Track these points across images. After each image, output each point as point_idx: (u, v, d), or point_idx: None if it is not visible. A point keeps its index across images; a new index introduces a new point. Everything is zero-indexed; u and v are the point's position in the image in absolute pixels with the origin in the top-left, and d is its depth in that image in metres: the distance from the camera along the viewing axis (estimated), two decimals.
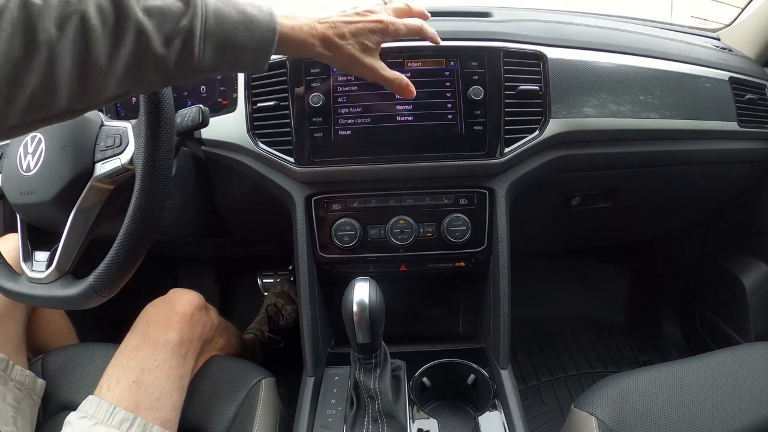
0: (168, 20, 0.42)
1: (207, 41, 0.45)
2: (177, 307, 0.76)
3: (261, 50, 0.49)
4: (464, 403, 0.76)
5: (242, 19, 0.47)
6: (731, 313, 1.12)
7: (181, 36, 0.43)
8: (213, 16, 0.45)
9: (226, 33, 0.46)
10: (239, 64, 0.50)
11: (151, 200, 0.55)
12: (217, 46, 0.46)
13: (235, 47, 0.47)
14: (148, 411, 0.66)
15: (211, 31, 0.45)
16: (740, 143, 0.90)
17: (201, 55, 0.45)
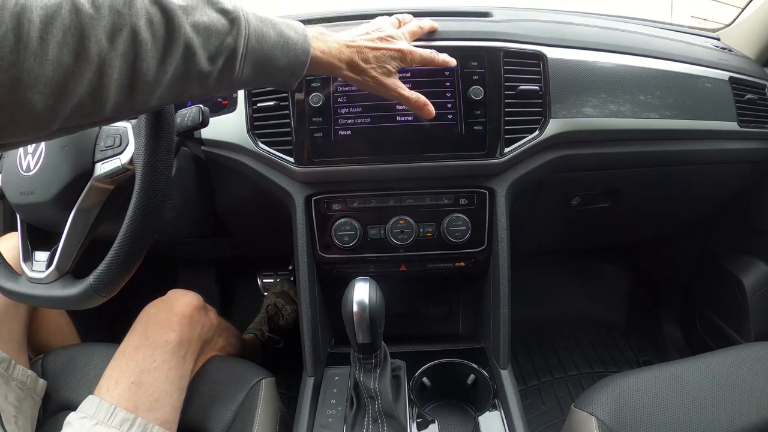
0: (214, 38, 0.44)
1: (247, 60, 0.47)
2: (176, 308, 0.77)
3: (293, 70, 0.52)
4: (464, 403, 0.76)
5: (280, 40, 0.50)
6: (731, 313, 1.11)
7: (225, 54, 0.45)
8: (254, 36, 0.47)
9: (264, 53, 0.48)
10: (271, 82, 0.53)
11: (151, 200, 0.55)
12: (255, 64, 0.48)
13: (271, 66, 0.50)
14: (148, 412, 0.66)
15: (251, 51, 0.47)
16: (740, 143, 0.90)
17: (240, 72, 0.47)
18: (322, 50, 0.55)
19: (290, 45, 0.51)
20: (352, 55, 0.58)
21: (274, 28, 0.49)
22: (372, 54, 0.60)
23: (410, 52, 0.63)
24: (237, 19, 0.45)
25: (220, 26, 0.44)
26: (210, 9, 0.44)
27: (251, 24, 0.47)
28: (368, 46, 0.60)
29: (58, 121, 0.37)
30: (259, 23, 0.48)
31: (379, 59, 0.60)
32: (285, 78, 0.52)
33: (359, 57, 0.59)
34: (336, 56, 0.57)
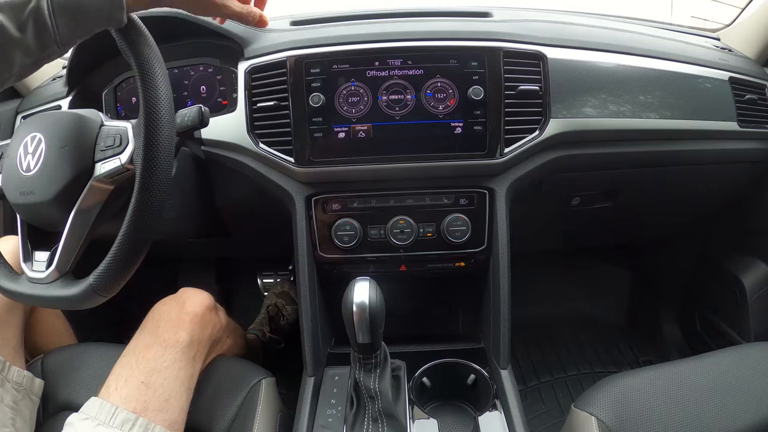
0: (17, 9, 0.48)
1: (57, 15, 0.49)
2: (188, 307, 0.76)
3: (111, 6, 0.51)
4: (464, 403, 0.76)
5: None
6: (731, 313, 1.11)
7: (32, 18, 0.48)
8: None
9: (70, 2, 0.49)
10: (95, 26, 0.52)
11: (151, 200, 0.55)
12: (67, 16, 0.49)
13: (84, 12, 0.50)
14: (157, 413, 0.66)
15: (57, 6, 0.48)
16: (740, 143, 0.90)
17: (55, 28, 0.49)
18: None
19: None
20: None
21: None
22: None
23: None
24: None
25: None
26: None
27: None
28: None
29: None
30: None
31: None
32: (107, 17, 0.51)
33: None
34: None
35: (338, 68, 0.75)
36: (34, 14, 0.48)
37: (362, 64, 0.75)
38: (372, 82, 0.75)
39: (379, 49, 0.75)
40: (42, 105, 0.90)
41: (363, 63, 0.75)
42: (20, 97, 0.98)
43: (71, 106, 0.86)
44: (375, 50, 0.75)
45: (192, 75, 0.87)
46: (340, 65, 0.75)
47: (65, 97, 0.87)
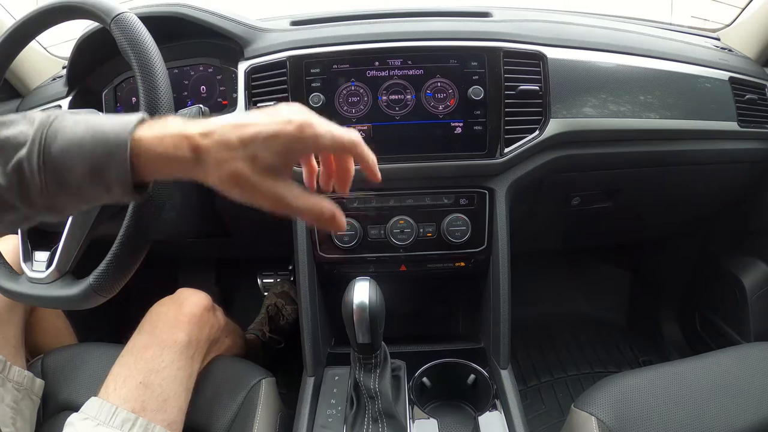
0: (8, 150, 0.38)
1: (47, 170, 0.38)
2: (185, 308, 0.76)
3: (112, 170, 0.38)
4: (464, 403, 0.76)
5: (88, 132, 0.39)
6: (731, 313, 1.11)
7: (16, 166, 0.38)
8: (54, 138, 0.38)
9: (66, 147, 0.38)
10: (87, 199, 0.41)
11: (152, 200, 0.55)
12: (56, 177, 0.38)
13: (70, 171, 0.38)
14: (155, 413, 0.66)
15: (49, 158, 0.38)
16: (740, 143, 0.89)
17: (44, 185, 0.38)
18: (154, 137, 0.38)
19: (99, 135, 0.38)
20: (201, 138, 0.38)
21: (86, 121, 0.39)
22: (237, 133, 0.38)
23: (308, 125, 0.39)
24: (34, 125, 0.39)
25: (20, 138, 0.38)
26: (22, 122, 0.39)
27: (53, 126, 0.39)
28: (232, 123, 0.39)
29: None
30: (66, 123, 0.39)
31: (249, 142, 0.38)
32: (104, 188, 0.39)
33: (213, 141, 0.38)
34: (172, 143, 0.38)
35: (338, 68, 0.75)
36: (18, 165, 0.38)
37: (362, 64, 0.75)
38: (372, 82, 0.75)
39: (379, 49, 0.75)
40: (42, 105, 0.90)
41: (363, 63, 0.75)
42: (20, 97, 0.98)
43: (71, 106, 0.86)
44: (375, 50, 0.75)
45: (192, 75, 0.87)
46: (340, 65, 0.75)
47: (65, 97, 0.87)
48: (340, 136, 0.40)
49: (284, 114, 0.39)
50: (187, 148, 0.38)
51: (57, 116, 0.40)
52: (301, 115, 0.39)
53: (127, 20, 0.58)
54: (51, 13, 0.63)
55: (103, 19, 0.59)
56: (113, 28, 0.58)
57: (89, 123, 0.39)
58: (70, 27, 0.68)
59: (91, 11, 0.60)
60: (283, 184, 0.40)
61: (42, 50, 1.04)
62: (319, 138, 0.39)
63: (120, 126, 0.39)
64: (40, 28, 0.65)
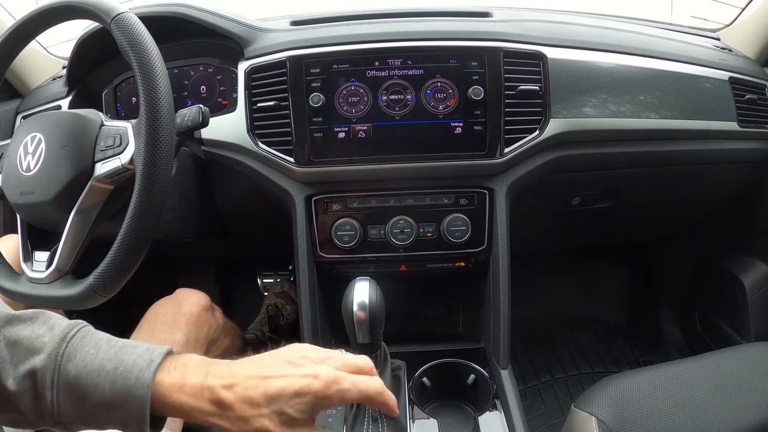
0: (22, 353, 0.38)
1: (60, 390, 0.37)
2: (184, 308, 0.76)
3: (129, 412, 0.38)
4: (464, 403, 0.76)
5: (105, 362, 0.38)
6: (731, 313, 1.11)
7: (29, 373, 0.37)
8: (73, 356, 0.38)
9: (82, 379, 0.37)
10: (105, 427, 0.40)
11: (151, 200, 0.55)
12: (71, 390, 0.38)
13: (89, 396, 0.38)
14: None
15: (65, 374, 0.37)
16: (740, 143, 0.89)
17: (55, 404, 0.37)
18: (168, 387, 0.38)
19: (120, 369, 0.38)
20: (224, 391, 0.38)
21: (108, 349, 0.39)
22: (261, 390, 0.38)
23: (334, 380, 0.39)
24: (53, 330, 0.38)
25: (36, 343, 0.38)
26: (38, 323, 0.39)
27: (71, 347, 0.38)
28: (256, 375, 0.39)
29: None
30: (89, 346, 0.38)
31: (274, 399, 0.38)
32: (119, 421, 0.38)
33: (237, 396, 0.38)
34: (192, 393, 0.38)
35: (338, 68, 0.75)
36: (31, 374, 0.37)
37: (362, 64, 0.75)
38: (372, 82, 0.75)
39: (379, 49, 0.75)
40: (42, 105, 0.90)
41: (363, 63, 0.75)
42: (20, 97, 0.98)
43: (71, 106, 0.86)
44: (375, 50, 0.75)
45: (192, 75, 0.87)
46: (340, 65, 0.75)
47: (65, 97, 0.87)
48: (366, 389, 0.41)
49: (309, 368, 0.40)
50: (208, 401, 0.38)
51: (79, 331, 0.40)
52: (327, 371, 0.40)
53: (127, 20, 0.58)
54: (51, 13, 0.63)
55: (103, 19, 0.59)
56: (113, 28, 0.58)
57: (111, 351, 0.39)
58: (70, 27, 0.68)
59: (91, 11, 0.60)
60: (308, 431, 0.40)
61: (42, 50, 1.04)
62: (345, 393, 0.40)
63: (142, 363, 0.38)
64: (40, 28, 0.65)
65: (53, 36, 0.91)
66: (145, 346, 0.40)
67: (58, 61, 1.06)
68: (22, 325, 0.39)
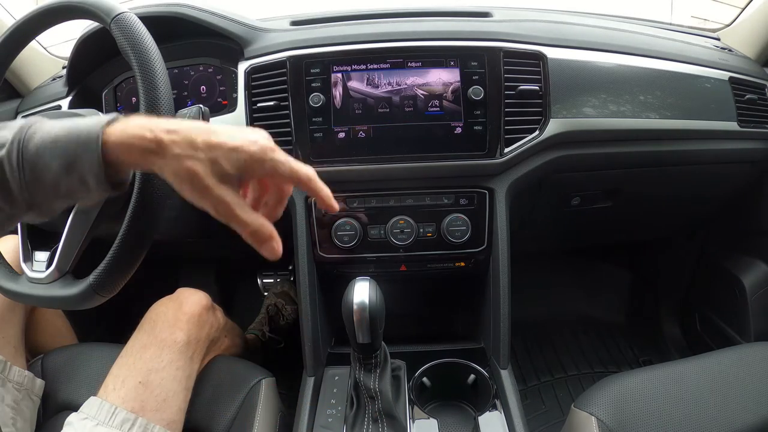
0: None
1: (25, 166, 0.40)
2: (185, 307, 0.76)
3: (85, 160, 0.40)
4: (464, 403, 0.76)
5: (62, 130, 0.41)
6: (731, 313, 1.11)
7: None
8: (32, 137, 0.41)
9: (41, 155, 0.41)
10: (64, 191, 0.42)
11: (151, 200, 0.55)
12: (34, 173, 0.41)
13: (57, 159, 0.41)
14: (155, 412, 0.66)
15: (27, 155, 0.40)
16: (740, 143, 0.90)
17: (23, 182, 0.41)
18: (123, 127, 0.41)
19: (73, 132, 0.41)
20: (166, 131, 0.40)
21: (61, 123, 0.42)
22: (203, 137, 0.40)
23: (271, 149, 0.42)
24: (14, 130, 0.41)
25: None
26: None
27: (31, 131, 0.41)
28: (201, 127, 0.42)
29: None
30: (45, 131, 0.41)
31: (213, 147, 0.40)
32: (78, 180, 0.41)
33: (180, 136, 0.40)
34: (138, 129, 0.41)
35: (338, 68, 0.75)
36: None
37: (362, 64, 0.75)
38: (372, 82, 0.75)
39: (379, 49, 0.75)
40: (42, 105, 0.90)
41: (363, 63, 0.75)
42: (20, 97, 0.98)
43: (71, 106, 0.86)
44: (375, 50, 0.75)
45: (192, 75, 0.87)
46: (340, 65, 0.75)
47: (65, 97, 0.87)
48: (298, 168, 0.43)
49: (251, 135, 0.42)
50: (149, 139, 0.40)
51: (37, 120, 0.43)
52: (267, 141, 0.42)
53: (127, 20, 0.58)
54: (51, 13, 0.63)
55: (103, 19, 0.59)
56: (113, 28, 0.58)
57: (66, 123, 0.42)
58: (70, 27, 0.68)
59: (91, 11, 0.60)
60: (233, 194, 0.42)
61: (42, 50, 1.04)
62: (277, 164, 0.42)
63: (93, 122, 0.41)
64: (40, 28, 0.65)
65: (53, 36, 0.91)
66: (101, 116, 0.43)
67: (58, 61, 1.06)
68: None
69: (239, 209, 0.42)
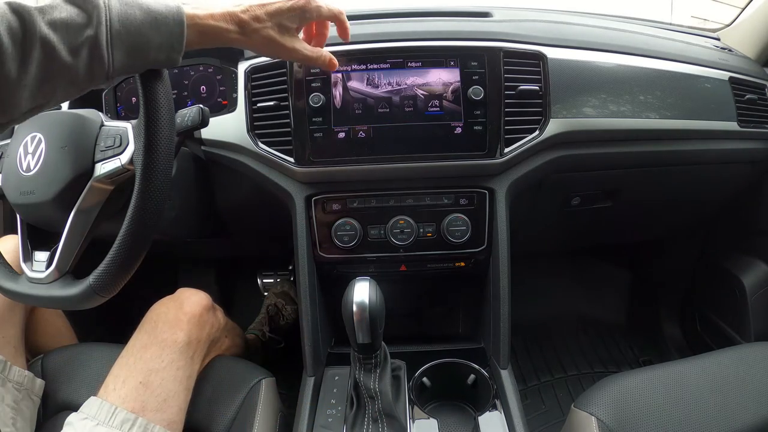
0: (72, 31, 0.44)
1: (115, 46, 0.46)
2: (185, 307, 0.76)
3: (171, 45, 0.50)
4: (464, 403, 0.76)
5: (147, 18, 0.48)
6: (731, 313, 1.11)
7: (87, 45, 0.44)
8: (118, 20, 0.46)
9: (132, 35, 0.47)
10: (151, 62, 0.50)
11: (151, 200, 0.55)
12: (126, 49, 0.47)
13: (144, 46, 0.48)
14: (155, 412, 0.66)
15: (117, 35, 0.46)
16: (740, 143, 0.90)
17: (111, 59, 0.46)
18: (202, 16, 0.52)
19: (160, 20, 0.48)
20: (241, 14, 0.54)
21: (140, 7, 0.47)
22: (263, 11, 0.55)
23: (309, 2, 0.57)
24: (96, 7, 0.45)
25: (79, 19, 0.44)
26: (68, 5, 0.44)
27: (113, 9, 0.46)
28: (260, 3, 0.55)
29: None
30: (123, 6, 0.47)
31: (273, 14, 0.55)
32: (166, 55, 0.50)
33: (248, 16, 0.54)
34: (220, 18, 0.53)
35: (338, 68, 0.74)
36: (90, 42, 0.45)
37: (362, 64, 0.75)
38: (372, 81, 0.75)
39: (379, 49, 0.75)
40: None
41: (363, 63, 0.75)
42: None
43: (71, 106, 0.86)
44: (375, 50, 0.75)
45: (192, 75, 0.87)
46: (340, 65, 0.75)
47: None
48: (333, 7, 0.61)
49: None
50: (233, 22, 0.54)
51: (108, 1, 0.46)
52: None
53: None
54: None
55: None
56: None
57: (143, 8, 0.48)
58: None
59: None
60: (298, 41, 0.59)
61: None
62: (321, 9, 0.59)
63: (172, 12, 0.49)
64: None
65: None
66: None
67: None
68: (56, 12, 0.44)
69: (306, 50, 0.59)
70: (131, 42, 0.47)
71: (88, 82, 0.47)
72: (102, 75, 0.47)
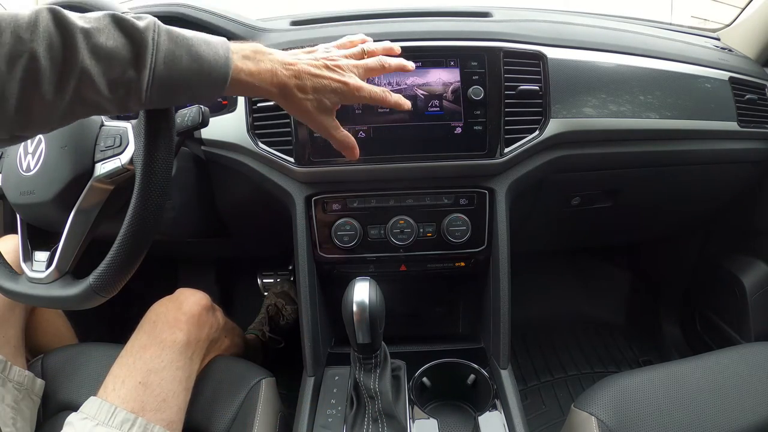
0: (115, 65, 0.42)
1: (154, 87, 0.44)
2: (184, 307, 0.76)
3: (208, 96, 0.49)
4: (464, 403, 0.76)
5: (194, 65, 0.46)
6: (731, 313, 1.11)
7: (126, 85, 0.43)
8: (163, 63, 0.44)
9: (174, 80, 0.45)
10: (184, 102, 0.50)
11: (151, 200, 0.55)
12: (164, 91, 0.45)
13: (184, 93, 0.47)
14: (154, 412, 0.66)
15: (158, 79, 0.44)
16: (740, 143, 0.90)
17: (147, 99, 0.45)
18: (250, 72, 0.50)
19: (205, 70, 0.46)
20: (287, 80, 0.52)
21: (189, 50, 0.46)
22: (310, 83, 0.53)
23: (357, 88, 0.56)
24: (144, 44, 0.43)
25: (125, 53, 0.42)
26: (117, 31, 0.42)
27: (161, 48, 0.44)
28: (309, 72, 0.53)
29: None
30: (172, 45, 0.45)
31: (317, 90, 0.54)
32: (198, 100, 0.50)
33: (295, 84, 0.53)
34: (267, 80, 0.51)
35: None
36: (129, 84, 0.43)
37: None
38: (372, 81, 0.74)
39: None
40: None
41: None
42: None
43: None
44: None
45: None
46: None
47: None
48: (376, 95, 0.59)
49: (344, 76, 0.56)
50: (274, 85, 0.52)
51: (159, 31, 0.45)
52: (354, 81, 0.56)
53: None
54: None
55: None
56: None
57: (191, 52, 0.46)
58: None
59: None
60: (331, 119, 0.58)
61: None
62: (364, 99, 0.58)
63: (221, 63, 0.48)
64: None
65: None
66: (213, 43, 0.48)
67: None
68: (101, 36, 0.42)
69: (335, 130, 0.59)
70: (171, 86, 0.45)
71: (118, 111, 0.46)
72: (134, 110, 0.47)
